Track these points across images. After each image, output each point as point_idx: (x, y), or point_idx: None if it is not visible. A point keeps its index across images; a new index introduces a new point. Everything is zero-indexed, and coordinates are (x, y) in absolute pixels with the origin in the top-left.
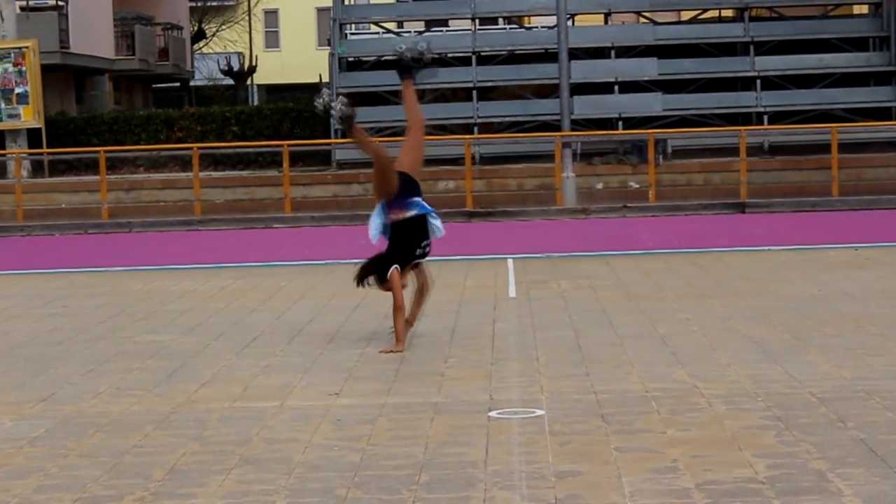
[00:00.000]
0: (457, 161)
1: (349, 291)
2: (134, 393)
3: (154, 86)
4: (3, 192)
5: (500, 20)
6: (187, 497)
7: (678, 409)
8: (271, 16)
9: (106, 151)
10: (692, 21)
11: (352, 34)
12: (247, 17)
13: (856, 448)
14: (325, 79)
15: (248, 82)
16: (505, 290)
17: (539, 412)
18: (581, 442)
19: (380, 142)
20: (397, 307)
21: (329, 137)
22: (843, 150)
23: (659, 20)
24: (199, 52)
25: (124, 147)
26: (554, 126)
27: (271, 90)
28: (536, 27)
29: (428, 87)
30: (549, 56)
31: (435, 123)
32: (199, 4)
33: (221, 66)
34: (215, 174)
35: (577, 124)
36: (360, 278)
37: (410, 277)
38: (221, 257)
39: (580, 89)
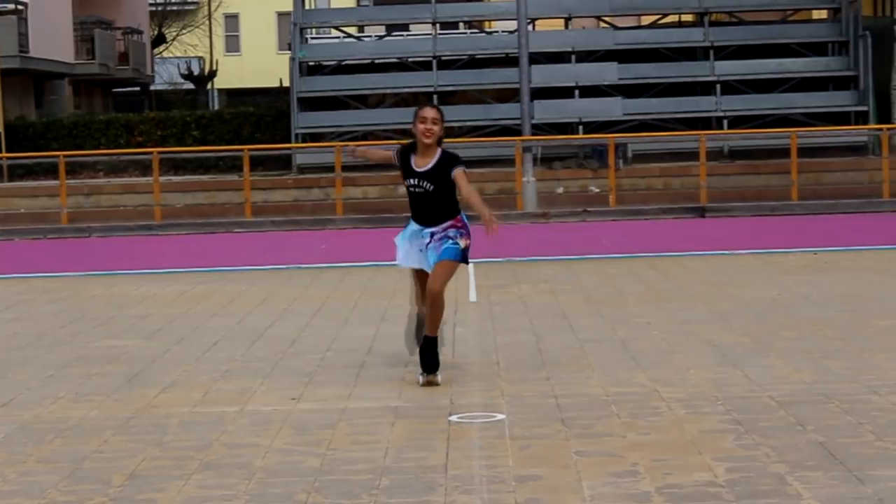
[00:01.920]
0: None
1: (310, 296)
2: (93, 398)
3: (114, 90)
4: None
5: (461, 24)
6: (147, 502)
7: (638, 412)
8: (232, 20)
9: (65, 156)
10: (652, 26)
11: (312, 38)
12: (207, 22)
13: (815, 451)
14: (286, 83)
15: (209, 87)
16: (465, 295)
17: (499, 416)
18: (541, 446)
19: (340, 146)
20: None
21: (289, 142)
22: (802, 155)
23: (619, 25)
24: (159, 56)
25: (84, 152)
26: (514, 130)
27: (232, 94)
28: (497, 32)
29: (389, 91)
30: (509, 60)
31: (395, 128)
32: (160, 9)
33: (182, 71)
34: (175, 179)
35: (538, 129)
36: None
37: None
38: (182, 262)
39: (541, 94)
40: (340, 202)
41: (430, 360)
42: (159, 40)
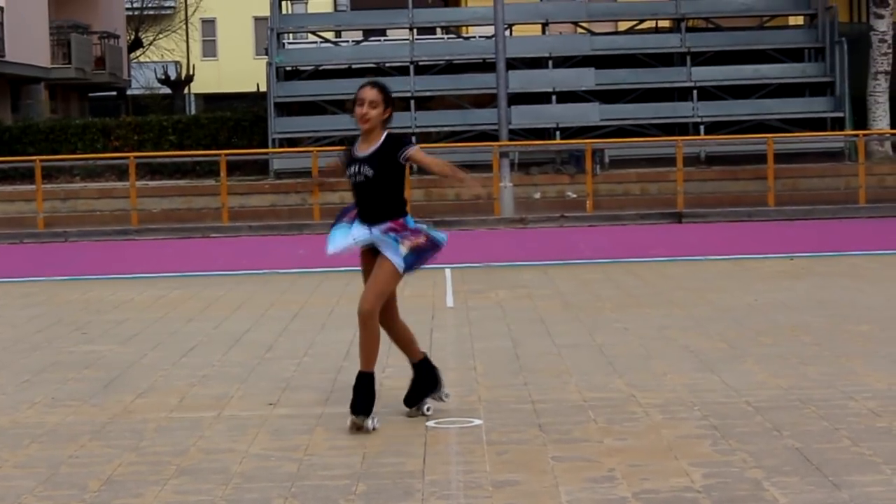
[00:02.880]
0: None
1: (287, 301)
2: (70, 403)
3: (90, 94)
4: None
5: (438, 30)
6: None
7: (615, 418)
8: (209, 25)
9: (42, 160)
10: (629, 31)
11: (289, 44)
12: (184, 26)
13: (791, 457)
14: (263, 88)
15: (186, 91)
16: (443, 300)
17: (477, 422)
18: (518, 451)
19: (317, 151)
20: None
21: (267, 147)
22: (778, 161)
23: (596, 31)
24: (136, 60)
25: (60, 156)
26: (492, 136)
27: (209, 99)
28: (474, 37)
29: None
30: (487, 66)
31: None
32: (137, 13)
33: (158, 75)
34: (152, 183)
35: (515, 134)
36: None
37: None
38: (158, 267)
39: (518, 99)
40: (318, 207)
41: (361, 398)
42: (136, 45)
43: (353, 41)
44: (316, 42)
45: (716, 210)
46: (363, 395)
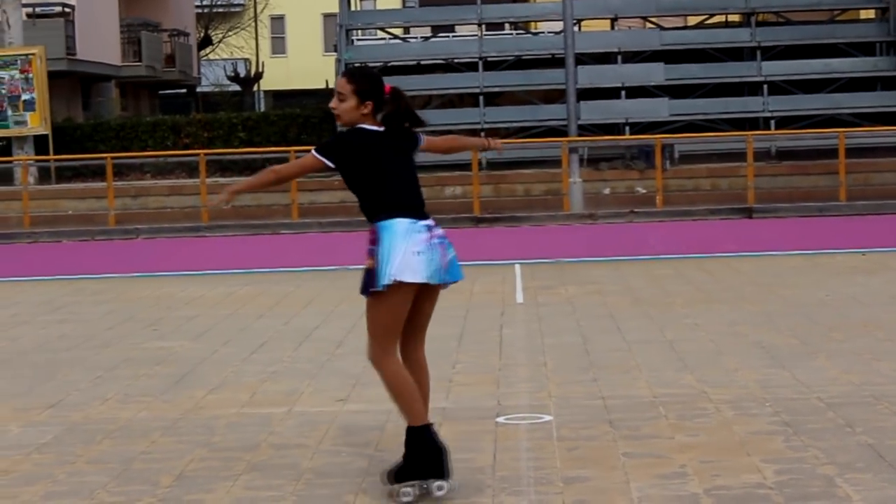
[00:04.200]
0: (464, 167)
1: (356, 298)
2: (142, 399)
3: (160, 92)
4: (10, 199)
5: (507, 25)
6: (195, 503)
7: (686, 414)
8: (278, 22)
9: (113, 158)
10: (699, 26)
11: (358, 40)
12: (253, 24)
13: (864, 453)
14: (332, 84)
15: (255, 88)
16: (512, 296)
17: (547, 418)
18: (589, 447)
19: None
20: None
21: None
22: (850, 155)
23: (665, 25)
24: (205, 58)
25: (131, 153)
26: (561, 131)
27: (278, 96)
28: (543, 32)
29: (435, 92)
30: (555, 61)
31: (442, 129)
32: (206, 11)
33: (228, 73)
34: (222, 180)
35: (584, 129)
36: None
37: None
38: (228, 263)
39: (587, 94)
40: None
41: (430, 457)
42: (206, 42)
43: (421, 37)
44: (385, 38)
45: (786, 205)
46: (422, 455)
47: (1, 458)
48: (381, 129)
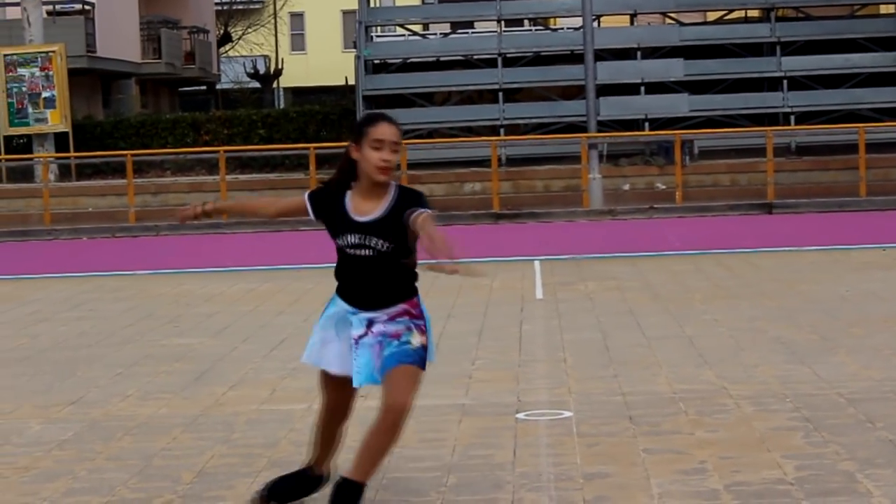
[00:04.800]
0: (483, 163)
1: None
2: (162, 396)
3: (180, 89)
4: (30, 196)
5: (526, 21)
6: (216, 500)
7: (706, 410)
8: (297, 19)
9: (133, 155)
10: (718, 21)
11: (377, 36)
12: (273, 20)
13: (884, 449)
14: (351, 81)
15: (274, 85)
16: (532, 292)
17: (566, 414)
18: (609, 443)
19: (405, 144)
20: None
21: None
22: (870, 150)
23: (685, 21)
24: (225, 55)
25: (151, 150)
26: (580, 127)
27: (297, 93)
28: (562, 28)
29: (454, 88)
30: (574, 57)
31: (461, 125)
32: (226, 8)
33: (247, 70)
34: (242, 177)
35: (604, 125)
36: None
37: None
38: (248, 260)
39: (606, 90)
40: None
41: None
42: (225, 39)
43: (440, 34)
44: (404, 35)
45: (806, 200)
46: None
47: (22, 455)
48: None
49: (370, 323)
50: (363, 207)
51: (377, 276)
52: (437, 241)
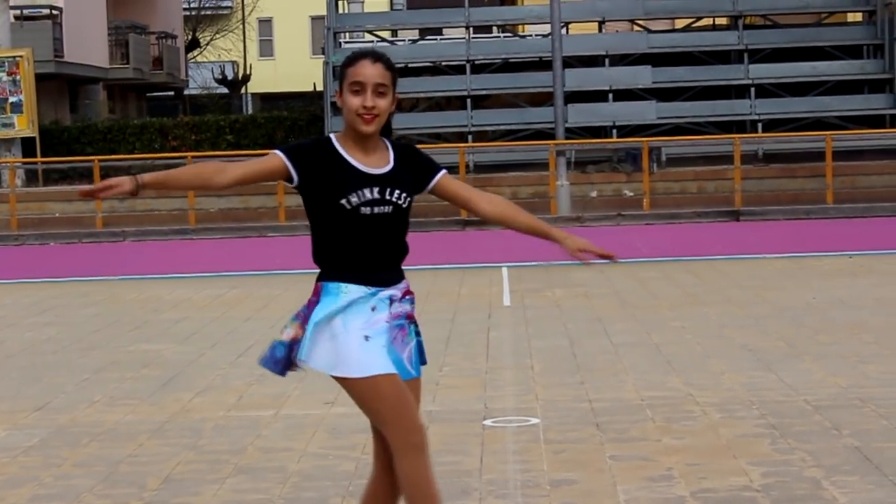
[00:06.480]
0: (451, 170)
1: None
2: (128, 402)
3: (148, 94)
4: None
5: (495, 28)
6: None
7: (673, 417)
8: (265, 24)
9: (100, 160)
10: (686, 29)
11: (346, 43)
12: (241, 26)
13: (851, 456)
14: (320, 87)
15: (243, 91)
16: (500, 299)
17: (534, 421)
18: (576, 450)
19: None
20: None
21: None
22: (837, 158)
23: (653, 28)
24: (193, 60)
25: (118, 156)
26: (548, 134)
27: (265, 99)
28: (531, 35)
29: (422, 95)
30: (543, 64)
31: (429, 132)
32: (194, 13)
33: (216, 75)
34: None
35: (572, 132)
36: None
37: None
38: (216, 266)
39: (574, 97)
40: None
41: None
42: (193, 45)
43: (409, 40)
44: (372, 41)
45: (773, 208)
46: None
47: None
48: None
49: (390, 302)
50: (369, 160)
51: (397, 240)
52: (521, 218)
